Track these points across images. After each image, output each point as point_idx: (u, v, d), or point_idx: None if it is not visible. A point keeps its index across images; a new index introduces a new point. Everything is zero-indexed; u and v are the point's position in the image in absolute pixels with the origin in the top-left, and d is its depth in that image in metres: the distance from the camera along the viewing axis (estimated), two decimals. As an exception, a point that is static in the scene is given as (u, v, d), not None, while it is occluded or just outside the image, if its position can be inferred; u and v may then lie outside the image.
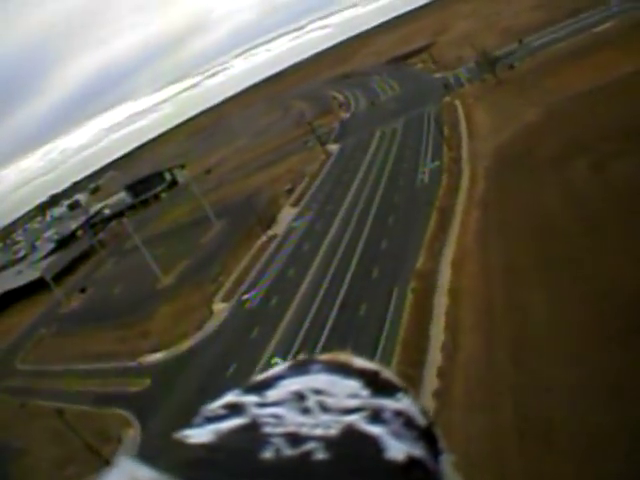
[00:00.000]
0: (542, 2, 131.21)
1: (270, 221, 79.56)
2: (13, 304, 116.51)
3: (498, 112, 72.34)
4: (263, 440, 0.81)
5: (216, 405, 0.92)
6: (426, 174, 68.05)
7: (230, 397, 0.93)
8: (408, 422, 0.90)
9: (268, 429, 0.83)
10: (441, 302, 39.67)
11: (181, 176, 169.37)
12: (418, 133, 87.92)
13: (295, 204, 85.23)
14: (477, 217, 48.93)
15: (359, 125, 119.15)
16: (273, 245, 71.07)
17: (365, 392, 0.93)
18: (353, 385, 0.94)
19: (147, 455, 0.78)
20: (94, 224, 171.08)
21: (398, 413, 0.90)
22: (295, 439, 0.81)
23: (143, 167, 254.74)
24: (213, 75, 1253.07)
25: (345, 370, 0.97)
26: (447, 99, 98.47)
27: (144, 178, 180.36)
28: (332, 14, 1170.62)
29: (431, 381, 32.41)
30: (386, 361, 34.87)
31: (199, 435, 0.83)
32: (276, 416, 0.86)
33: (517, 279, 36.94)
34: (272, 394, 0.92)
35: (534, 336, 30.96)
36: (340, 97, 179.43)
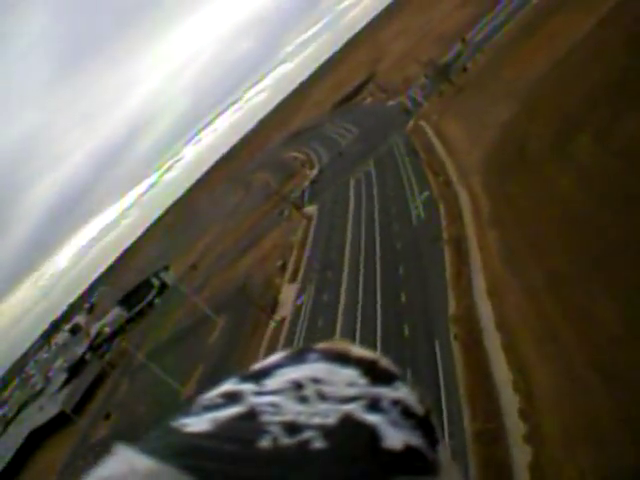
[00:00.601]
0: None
1: (273, 305, 74.48)
2: (43, 441, 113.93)
3: (469, 120, 69.60)
4: (261, 429, 0.81)
5: (214, 394, 0.92)
6: (420, 208, 63.84)
7: (228, 386, 0.94)
8: (405, 411, 0.91)
9: (266, 418, 0.84)
10: (493, 340, 35.12)
11: (168, 278, 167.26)
12: (394, 168, 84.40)
13: (293, 280, 79.66)
14: (495, 237, 44.58)
15: (329, 179, 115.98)
16: (285, 330, 65.49)
17: (363, 381, 0.94)
18: (351, 374, 0.95)
19: (145, 444, 0.79)
20: (99, 345, 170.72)
21: (396, 402, 0.91)
22: (293, 428, 0.82)
23: (130, 275, 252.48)
24: (168, 169, 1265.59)
25: (343, 359, 0.98)
26: (411, 124, 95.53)
27: (134, 289, 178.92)
28: (265, 76, 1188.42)
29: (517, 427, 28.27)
30: (459, 427, 30.78)
31: (197, 424, 0.84)
32: (274, 405, 0.87)
33: (567, 291, 32.63)
34: (270, 383, 0.93)
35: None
36: (300, 156, 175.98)
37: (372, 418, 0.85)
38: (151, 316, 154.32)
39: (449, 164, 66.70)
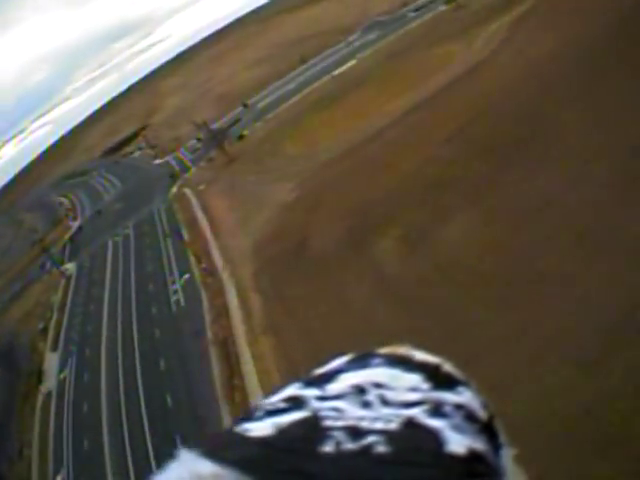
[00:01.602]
0: (262, 56, 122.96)
1: (39, 374, 62.93)
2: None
3: (240, 197, 59.04)
4: (323, 434, 0.81)
5: (276, 398, 0.93)
6: (179, 293, 53.47)
7: (290, 390, 0.94)
8: (469, 416, 0.90)
9: (328, 422, 0.84)
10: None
11: None
12: (154, 238, 73.06)
13: (54, 348, 67.21)
14: (272, 346, 36.25)
15: (89, 235, 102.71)
16: (53, 406, 54.10)
17: (426, 385, 0.94)
18: (414, 378, 0.95)
19: (208, 449, 0.81)
20: None
21: (459, 406, 0.91)
22: (355, 433, 0.82)
23: None
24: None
25: (406, 363, 0.99)
26: (175, 189, 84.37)
27: None
28: (51, 109, 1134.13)
29: None
30: None
31: (259, 429, 0.85)
32: (336, 409, 0.87)
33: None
34: (332, 387, 0.93)
35: None
36: (66, 202, 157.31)
37: (435, 423, 0.85)
38: None
39: (213, 247, 55.88)
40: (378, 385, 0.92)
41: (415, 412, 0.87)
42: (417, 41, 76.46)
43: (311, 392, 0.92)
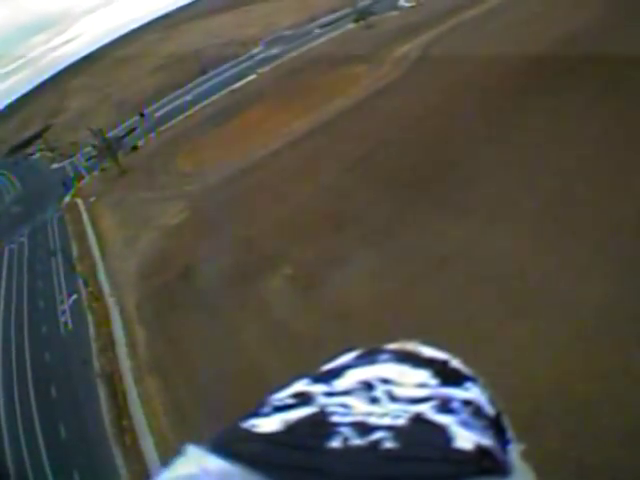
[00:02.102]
0: (165, 63, 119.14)
1: None
2: None
3: (128, 214, 55.30)
4: (331, 429, 0.82)
5: (284, 394, 0.93)
6: (67, 314, 49.83)
7: (298, 386, 0.95)
8: (477, 411, 0.91)
9: (336, 418, 0.84)
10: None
11: None
12: (46, 250, 67.99)
13: None
14: (159, 387, 33.63)
15: None
16: None
17: (434, 381, 0.94)
18: (422, 374, 0.95)
19: (216, 444, 0.81)
20: None
21: (467, 402, 0.91)
22: (363, 428, 0.82)
23: None
24: None
25: (413, 359, 0.99)
26: (68, 198, 78.91)
27: None
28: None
29: None
30: None
31: (267, 424, 0.85)
32: (344, 405, 0.87)
33: None
34: (340, 383, 0.94)
35: None
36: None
37: (443, 418, 0.85)
38: None
39: (101, 267, 52.36)
40: (386, 381, 0.92)
41: (423, 408, 0.86)
42: (322, 59, 74.27)
43: (319, 388, 0.91)
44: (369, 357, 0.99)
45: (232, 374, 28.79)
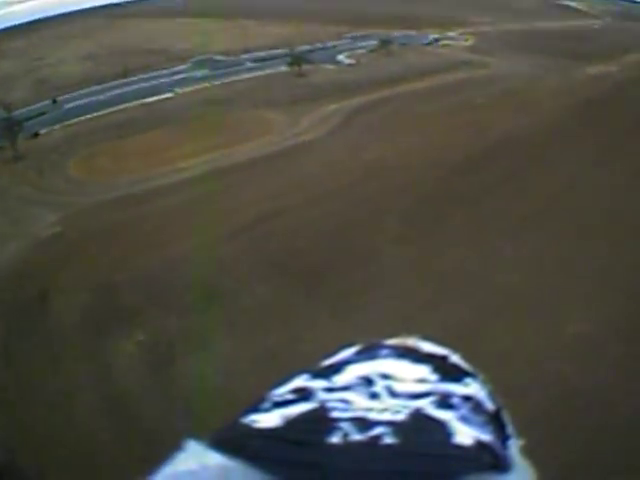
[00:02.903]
0: (95, 53, 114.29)
1: None
2: None
3: (4, 208, 48.82)
4: (331, 425, 0.81)
5: (284, 390, 0.93)
6: None
7: (298, 382, 0.94)
8: (476, 407, 0.91)
9: (336, 414, 0.84)
10: None
11: None
12: None
13: None
14: None
15: None
16: None
17: (433, 377, 0.94)
18: (421, 370, 0.95)
19: (215, 440, 0.81)
20: None
21: (466, 398, 0.91)
22: (363, 424, 0.82)
23: None
24: None
25: (413, 355, 0.99)
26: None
27: None
28: None
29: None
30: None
31: (267, 419, 0.84)
32: (344, 401, 0.87)
33: None
34: (340, 379, 0.93)
35: None
36: None
37: (443, 414, 0.85)
38: None
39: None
40: (386, 376, 0.91)
41: (423, 403, 0.86)
42: (243, 95, 71.29)
43: (319, 383, 0.91)
44: (369, 352, 0.98)
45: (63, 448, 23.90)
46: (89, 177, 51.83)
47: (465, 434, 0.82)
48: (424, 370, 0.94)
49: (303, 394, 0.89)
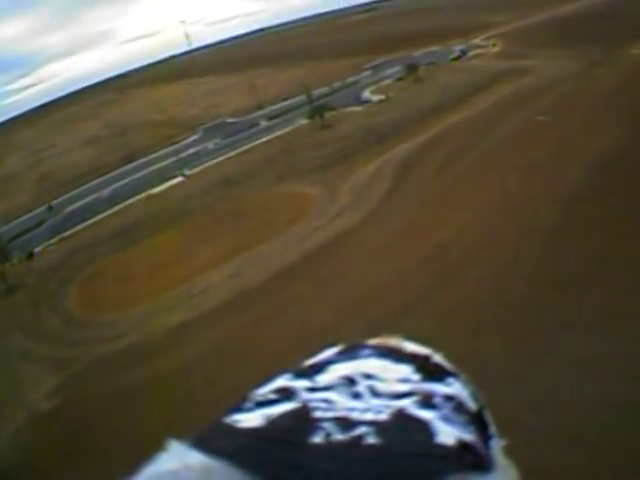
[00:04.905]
0: (101, 134, 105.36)
1: None
2: None
3: None
4: (313, 425, 0.81)
5: (266, 389, 0.92)
6: None
7: (280, 381, 0.93)
8: (459, 407, 0.90)
9: (318, 414, 0.83)
10: None
11: None
12: None
13: None
14: None
15: None
16: None
17: (416, 377, 0.93)
18: (404, 369, 0.94)
19: (197, 440, 0.80)
20: None
21: (449, 398, 0.90)
22: (345, 424, 0.81)
23: None
24: None
25: (396, 354, 0.98)
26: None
27: None
28: None
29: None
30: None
31: (249, 420, 0.84)
32: (326, 401, 0.86)
33: None
34: (322, 378, 0.92)
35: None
36: None
37: (425, 414, 0.84)
38: None
39: None
40: (368, 376, 0.90)
41: (405, 403, 0.85)
42: (262, 167, 59.05)
43: (301, 383, 0.90)
44: (351, 352, 0.97)
45: None
46: (91, 314, 40.11)
47: (447, 434, 0.81)
48: (406, 370, 0.93)
49: (285, 394, 0.88)
